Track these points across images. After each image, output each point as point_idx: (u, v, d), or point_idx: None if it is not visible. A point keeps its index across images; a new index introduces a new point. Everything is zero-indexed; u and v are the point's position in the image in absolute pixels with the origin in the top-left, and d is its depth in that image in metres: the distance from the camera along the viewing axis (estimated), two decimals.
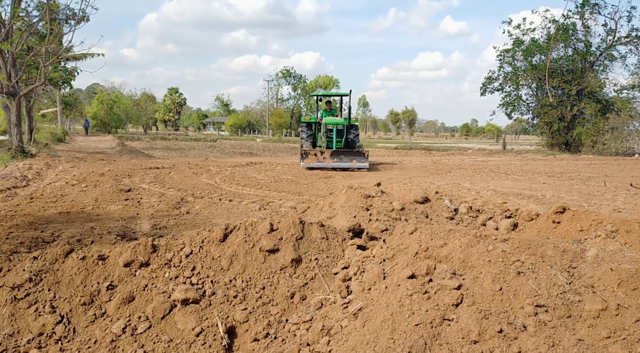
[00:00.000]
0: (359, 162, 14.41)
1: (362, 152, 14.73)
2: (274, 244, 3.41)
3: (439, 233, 3.40)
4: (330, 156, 14.23)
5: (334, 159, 14.24)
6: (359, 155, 14.55)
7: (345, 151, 14.55)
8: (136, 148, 27.29)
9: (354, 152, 14.70)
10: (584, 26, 31.39)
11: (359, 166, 14.43)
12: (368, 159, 14.73)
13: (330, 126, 14.96)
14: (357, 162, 14.36)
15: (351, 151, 14.66)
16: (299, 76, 74.98)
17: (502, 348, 2.19)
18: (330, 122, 15.01)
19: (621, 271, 2.43)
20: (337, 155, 14.30)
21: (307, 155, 14.26)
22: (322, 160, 14.13)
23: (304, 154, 14.35)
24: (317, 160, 14.13)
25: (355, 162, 14.35)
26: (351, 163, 14.32)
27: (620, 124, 29.98)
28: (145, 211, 6.84)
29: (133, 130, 71.38)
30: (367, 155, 14.69)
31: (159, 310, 2.96)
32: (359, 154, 14.60)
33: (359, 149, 15.38)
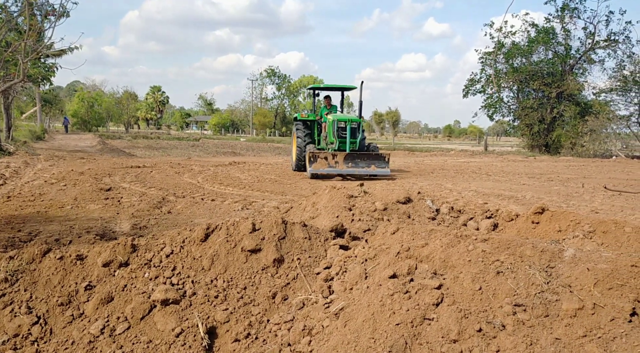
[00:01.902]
0: (379, 167, 11.87)
1: (381, 155, 12.11)
2: (256, 244, 3.39)
3: (421, 234, 3.42)
4: (343, 160, 11.67)
5: (347, 163, 11.68)
6: (378, 159, 11.97)
7: (361, 154, 11.91)
8: (117, 147, 26.95)
9: (372, 155, 12.02)
10: (564, 30, 31.91)
11: (378, 172, 11.89)
12: (389, 164, 12.12)
13: (343, 123, 12.41)
14: (376, 168, 11.81)
15: (368, 154, 11.98)
16: (283, 76, 74.84)
17: (481, 347, 2.21)
18: (342, 119, 12.53)
19: (597, 271, 2.47)
20: (351, 159, 11.75)
21: (315, 159, 11.54)
22: (334, 165, 11.55)
23: (312, 157, 11.56)
24: (327, 165, 11.52)
25: (373, 167, 11.82)
26: (369, 169, 11.78)
27: (598, 127, 30.57)
28: (125, 210, 6.75)
29: (114, 128, 70.51)
30: (388, 159, 12.08)
31: (139, 310, 2.93)
32: (378, 157, 12.00)
33: (375, 151, 12.64)
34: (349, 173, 11.72)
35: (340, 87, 14.43)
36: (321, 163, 11.54)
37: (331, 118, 12.75)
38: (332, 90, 14.93)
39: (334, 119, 12.59)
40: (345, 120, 12.43)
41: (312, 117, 14.15)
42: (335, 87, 14.56)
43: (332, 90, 14.94)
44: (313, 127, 14.04)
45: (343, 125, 12.44)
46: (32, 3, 13.93)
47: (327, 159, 11.59)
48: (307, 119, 14.10)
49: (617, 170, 17.50)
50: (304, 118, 14.10)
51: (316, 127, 13.99)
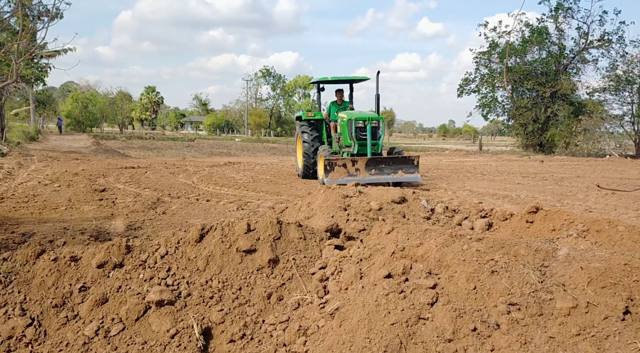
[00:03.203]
0: (407, 172, 10.06)
1: (409, 158, 10.29)
2: (251, 244, 3.39)
3: (416, 233, 3.43)
4: (365, 167, 9.85)
5: (370, 170, 9.85)
6: (406, 163, 10.15)
7: (386, 158, 10.17)
8: (112, 147, 26.85)
9: (398, 159, 10.22)
10: (558, 30, 32.05)
11: (407, 179, 10.08)
12: (418, 167, 10.35)
13: (362, 122, 10.48)
14: (404, 174, 10.00)
15: (394, 158, 10.23)
16: (278, 76, 74.78)
17: (475, 347, 2.22)
18: (361, 117, 10.53)
19: (591, 270, 2.49)
20: (375, 165, 9.92)
21: (332, 168, 9.68)
22: (355, 174, 9.69)
23: (328, 164, 9.75)
24: (346, 173, 9.64)
25: (401, 173, 10.00)
26: (396, 175, 9.97)
27: (592, 126, 30.74)
28: (120, 211, 6.73)
29: (109, 129, 70.20)
30: (418, 163, 10.28)
31: (133, 311, 2.92)
32: (405, 161, 10.19)
33: (399, 154, 10.85)
34: (372, 182, 9.41)
35: (350, 79, 12.36)
36: (339, 172, 9.72)
37: (346, 116, 10.79)
38: (340, 83, 12.74)
39: (350, 117, 10.62)
40: (364, 119, 10.46)
41: (319, 115, 12.18)
42: (343, 80, 12.40)
43: (339, 83, 12.74)
44: (320, 127, 12.18)
45: (362, 124, 10.51)
46: (24, 4, 13.86)
47: (346, 167, 9.76)
48: (313, 119, 12.13)
49: (610, 169, 17.60)
50: (310, 117, 12.13)
51: (324, 127, 12.15)
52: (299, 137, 12.38)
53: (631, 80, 32.52)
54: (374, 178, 9.76)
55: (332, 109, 12.21)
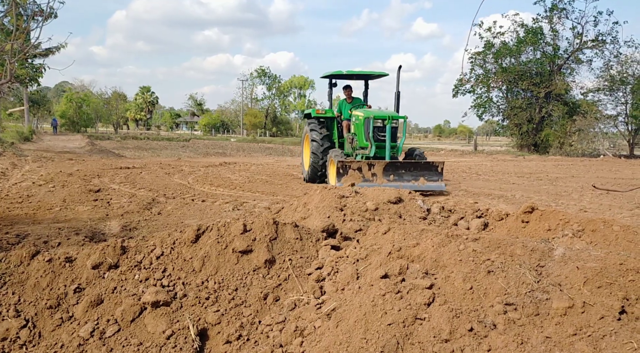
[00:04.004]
0: (430, 180, 9.07)
1: (432, 163, 9.25)
2: (247, 245, 3.38)
3: (412, 233, 3.43)
4: (383, 171, 8.91)
5: (388, 175, 8.92)
6: (429, 169, 9.15)
7: (406, 163, 9.13)
8: (106, 147, 26.74)
9: (420, 164, 9.17)
10: (552, 30, 32.18)
11: (430, 188, 9.00)
12: (442, 175, 9.34)
13: (381, 122, 9.52)
14: (426, 181, 9.00)
15: (415, 163, 9.18)
16: (273, 76, 74.73)
17: (472, 347, 2.22)
18: (380, 115, 9.54)
19: (587, 269, 2.49)
20: (393, 170, 8.97)
21: (345, 171, 8.76)
22: (371, 179, 8.79)
23: (341, 167, 8.78)
24: (361, 178, 8.76)
25: (423, 180, 8.99)
26: (417, 182, 8.95)
27: (586, 126, 30.89)
28: (115, 212, 6.70)
29: (103, 129, 69.99)
30: (442, 169, 9.27)
31: (129, 313, 2.90)
32: (429, 167, 9.17)
33: (420, 157, 9.84)
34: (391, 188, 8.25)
35: (367, 74, 11.25)
36: (354, 176, 8.75)
37: (362, 114, 9.82)
38: (356, 79, 11.82)
39: (367, 115, 9.63)
40: (384, 118, 9.48)
41: (331, 113, 11.20)
42: (360, 74, 11.29)
43: (355, 79, 11.80)
44: (331, 126, 11.26)
45: (381, 124, 9.55)
46: (18, 3, 13.78)
47: (361, 170, 8.82)
48: (324, 116, 11.14)
49: (604, 169, 17.69)
50: (320, 115, 11.13)
51: (335, 126, 11.22)
52: (307, 136, 11.41)
53: (625, 81, 32.71)
54: (392, 184, 8.57)
55: (343, 106, 11.19)
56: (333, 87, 11.53)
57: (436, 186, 9.08)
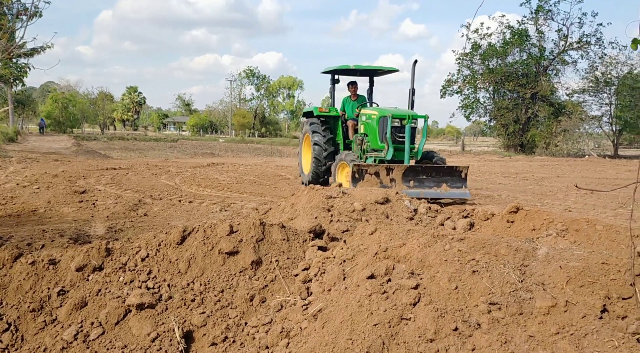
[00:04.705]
0: (453, 187, 8.09)
1: (455, 168, 8.30)
2: (233, 246, 3.37)
3: (398, 234, 3.45)
4: (402, 177, 7.95)
5: (408, 181, 7.94)
6: (452, 174, 8.22)
7: (428, 168, 8.15)
8: (93, 148, 26.47)
9: (442, 169, 8.25)
10: (538, 32, 32.52)
11: (454, 195, 8.02)
12: (467, 181, 8.36)
13: (398, 121, 8.51)
14: (449, 188, 8.03)
15: (437, 167, 8.24)
16: (262, 76, 74.56)
17: (457, 346, 2.24)
18: (400, 114, 8.53)
19: (570, 269, 2.52)
20: (414, 176, 8.01)
21: (362, 175, 7.81)
22: (389, 185, 7.83)
23: (357, 172, 7.81)
24: (379, 183, 7.79)
25: (445, 187, 8.02)
26: (439, 189, 7.99)
27: (571, 127, 31.29)
28: (100, 213, 6.63)
29: (90, 130, 69.25)
30: (466, 175, 8.30)
31: (113, 315, 2.87)
32: (451, 172, 8.24)
33: (441, 162, 8.81)
34: (411, 196, 6.55)
35: (375, 69, 10.27)
36: (371, 182, 7.82)
37: (377, 113, 8.87)
38: (361, 75, 10.75)
39: (383, 114, 8.66)
40: (404, 117, 8.48)
41: (335, 112, 10.20)
42: (368, 70, 10.25)
43: (360, 75, 10.75)
44: (335, 126, 10.32)
45: (398, 123, 8.54)
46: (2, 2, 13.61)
47: (378, 176, 7.90)
48: (327, 115, 10.13)
49: (589, 169, 17.92)
50: (324, 113, 10.10)
51: (340, 125, 10.29)
52: (307, 137, 10.50)
53: (609, 82, 33.20)
54: (412, 191, 7.62)
55: (347, 105, 10.34)
56: (336, 84, 10.52)
57: (460, 193, 8.05)
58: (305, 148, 10.80)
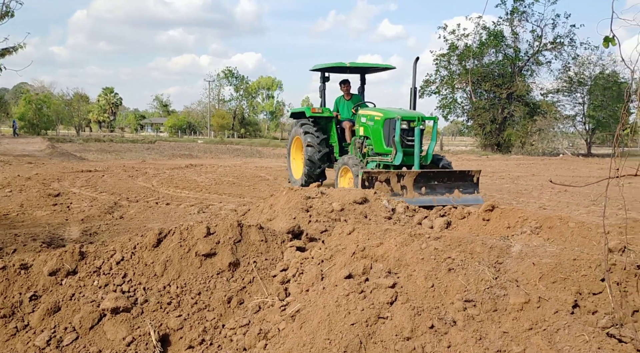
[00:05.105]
0: (465, 192, 7.64)
1: (468, 173, 7.85)
2: (210, 248, 3.34)
3: (376, 233, 3.47)
4: (413, 183, 7.43)
5: (419, 188, 7.44)
6: (464, 179, 7.78)
7: (439, 173, 7.72)
8: (68, 150, 25.95)
9: (454, 174, 7.81)
10: (513, 33, 33.08)
11: (467, 201, 7.34)
12: (479, 186, 7.93)
13: (406, 123, 8.00)
14: (461, 194, 7.56)
15: (449, 172, 7.80)
16: (241, 77, 74.14)
17: (433, 344, 2.26)
18: (409, 116, 8.02)
19: (542, 265, 2.57)
20: (425, 181, 7.51)
21: (372, 183, 7.22)
22: (401, 192, 7.33)
23: (367, 179, 7.19)
24: (389, 191, 7.22)
25: (457, 193, 7.55)
26: (451, 195, 7.48)
27: (546, 126, 31.94)
28: (75, 216, 6.51)
29: (65, 131, 67.88)
30: (478, 180, 7.87)
31: (87, 320, 2.82)
32: (464, 177, 7.80)
33: (447, 167, 8.35)
34: (423, 204, 6.56)
35: (372, 66, 9.82)
36: (381, 189, 7.14)
37: (381, 114, 8.32)
38: (353, 72, 10.30)
39: (390, 116, 8.16)
40: (413, 119, 7.97)
41: (328, 112, 9.60)
42: (358, 67, 9.75)
43: (352, 72, 10.30)
44: (328, 127, 9.75)
45: (407, 126, 8.00)
46: None
47: (389, 183, 7.32)
48: (320, 116, 9.54)
49: (563, 167, 18.30)
50: (317, 114, 9.51)
51: (334, 127, 9.70)
52: (297, 139, 9.96)
53: (582, 82, 33.95)
54: (425, 199, 7.22)
55: (340, 104, 9.79)
56: (326, 82, 10.00)
57: (473, 200, 7.49)
58: (295, 151, 10.30)
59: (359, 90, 10.38)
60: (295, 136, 10.13)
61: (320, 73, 9.90)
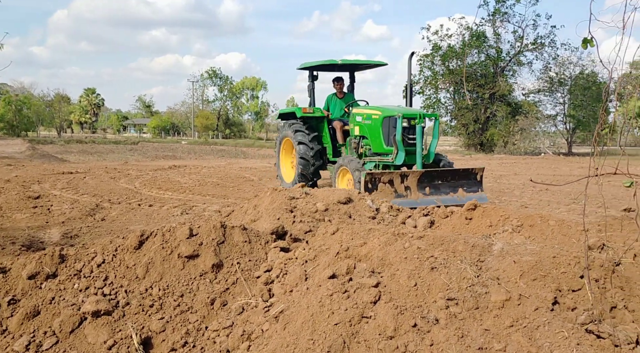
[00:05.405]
0: (469, 191, 7.39)
1: (472, 171, 7.63)
2: (193, 250, 3.31)
3: (360, 233, 3.48)
4: (417, 183, 7.16)
5: (423, 188, 7.19)
6: (467, 178, 7.56)
7: (443, 172, 7.45)
8: (49, 152, 25.53)
9: (458, 172, 7.55)
10: (495, 34, 33.45)
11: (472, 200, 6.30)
12: (482, 184, 7.70)
13: (407, 121, 7.75)
14: (466, 193, 7.30)
15: (452, 171, 7.53)
16: (225, 77, 73.76)
17: (415, 342, 2.27)
18: (411, 114, 7.77)
19: (523, 263, 2.61)
20: (429, 181, 7.25)
21: (375, 185, 6.93)
22: (405, 194, 7.07)
23: (369, 182, 6.90)
24: (393, 193, 6.98)
25: (462, 192, 7.30)
26: (455, 195, 7.26)
27: (528, 126, 32.37)
28: (55, 219, 6.41)
29: (46, 133, 66.84)
30: (481, 178, 7.68)
31: (67, 323, 2.78)
32: (467, 175, 7.58)
33: (449, 166, 8.07)
34: (428, 205, 6.05)
35: (358, 63, 9.51)
36: (385, 191, 6.90)
37: (380, 113, 8.04)
38: (342, 70, 10.04)
39: (390, 114, 7.90)
40: (414, 116, 7.71)
41: (320, 112, 9.30)
42: (348, 64, 9.46)
43: (340, 70, 10.03)
44: (320, 128, 9.43)
45: (407, 124, 7.74)
46: None
47: (392, 184, 7.01)
48: (312, 116, 9.25)
49: (545, 166, 18.56)
50: (308, 114, 9.21)
51: (326, 127, 9.40)
52: (287, 141, 9.62)
53: (563, 82, 34.50)
54: (429, 199, 6.94)
55: (332, 103, 9.49)
56: (315, 81, 9.63)
57: (478, 198, 6.96)
58: (285, 154, 9.96)
59: (348, 88, 10.18)
60: (284, 138, 9.75)
61: (308, 71, 9.62)
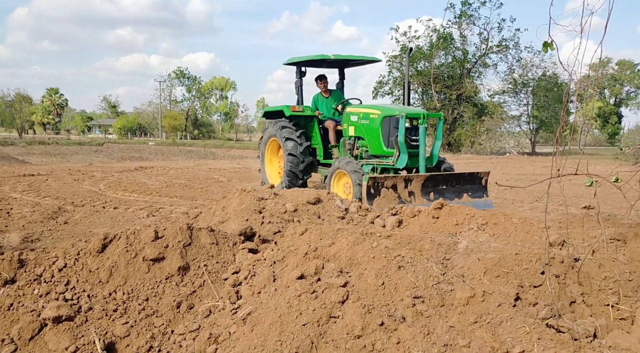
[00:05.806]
0: (474, 197, 7.08)
1: (477, 175, 7.29)
2: (158, 252, 3.25)
3: (328, 233, 3.48)
4: (421, 187, 6.74)
5: (428, 193, 6.76)
6: (472, 182, 7.22)
7: (448, 176, 7.05)
8: (9, 154, 24.64)
9: (463, 176, 7.22)
10: (461, 36, 34.13)
11: (479, 206, 6.31)
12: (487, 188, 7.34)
13: (409, 121, 7.24)
14: (471, 198, 7.00)
15: (458, 175, 7.18)
16: (193, 77, 72.79)
17: (382, 341, 2.29)
18: (414, 113, 7.32)
19: (487, 260, 2.66)
20: (434, 185, 6.86)
21: (378, 190, 6.47)
22: (409, 199, 6.62)
23: (372, 186, 6.42)
24: (397, 198, 6.52)
25: (467, 198, 6.97)
26: (461, 200, 6.88)
27: (493, 126, 33.18)
28: (15, 223, 6.20)
29: (6, 134, 64.53)
30: (486, 182, 7.30)
31: (27, 330, 2.69)
32: (472, 179, 7.24)
33: (450, 169, 7.68)
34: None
35: (351, 59, 8.88)
36: (388, 196, 6.48)
37: (379, 112, 7.54)
38: (331, 67, 9.57)
39: (390, 113, 7.43)
40: (417, 116, 7.27)
41: (309, 111, 8.80)
42: (337, 60, 8.90)
43: (329, 67, 9.55)
44: (309, 127, 8.86)
45: (410, 124, 7.23)
46: None
47: (396, 189, 6.58)
48: (301, 115, 8.68)
49: (510, 166, 19.03)
50: (298, 113, 8.64)
51: (316, 128, 8.82)
52: (273, 140, 9.12)
53: (526, 83, 35.47)
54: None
55: (319, 102, 9.01)
56: (303, 77, 8.99)
57: (484, 204, 6.89)
58: (271, 154, 9.42)
59: (337, 85, 9.67)
60: (270, 137, 9.15)
61: (295, 67, 8.95)
